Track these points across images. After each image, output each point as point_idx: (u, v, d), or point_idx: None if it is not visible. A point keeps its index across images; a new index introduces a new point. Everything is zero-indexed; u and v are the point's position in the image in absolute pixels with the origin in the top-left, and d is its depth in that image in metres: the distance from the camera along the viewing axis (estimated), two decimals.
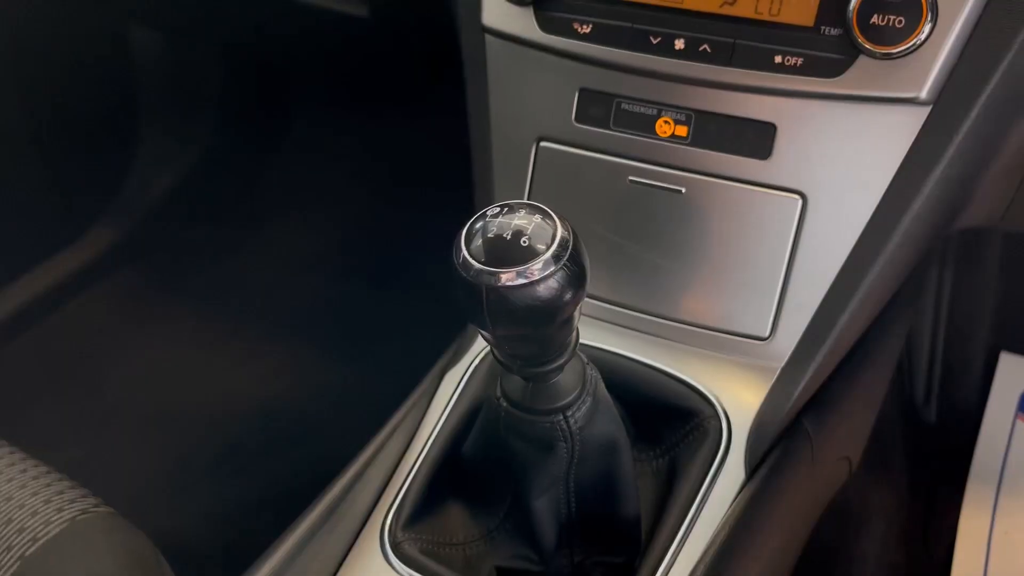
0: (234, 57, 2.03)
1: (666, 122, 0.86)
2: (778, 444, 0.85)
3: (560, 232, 0.60)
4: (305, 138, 2.17)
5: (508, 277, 0.59)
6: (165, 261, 2.00)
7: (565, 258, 0.60)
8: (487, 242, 0.60)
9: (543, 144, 0.93)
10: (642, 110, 0.87)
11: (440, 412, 0.88)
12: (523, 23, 0.89)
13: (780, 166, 0.83)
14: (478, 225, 0.62)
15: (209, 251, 2.03)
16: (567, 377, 0.69)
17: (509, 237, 0.60)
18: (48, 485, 0.78)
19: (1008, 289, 1.49)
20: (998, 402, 1.52)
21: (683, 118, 0.86)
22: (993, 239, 1.44)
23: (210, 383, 1.76)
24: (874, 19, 0.74)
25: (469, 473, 0.84)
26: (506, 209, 0.62)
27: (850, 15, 0.75)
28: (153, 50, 1.95)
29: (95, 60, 1.87)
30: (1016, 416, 1.51)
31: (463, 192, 1.03)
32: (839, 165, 0.81)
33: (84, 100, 1.87)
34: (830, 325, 0.85)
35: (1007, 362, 1.54)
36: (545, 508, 0.77)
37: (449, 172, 1.31)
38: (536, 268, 0.59)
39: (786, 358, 0.87)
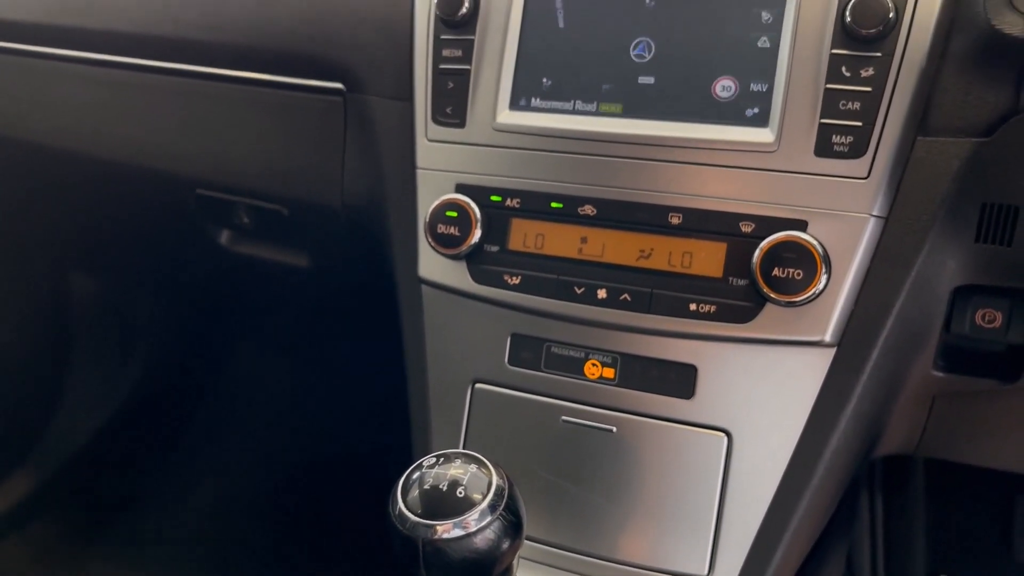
0: (169, 300, 2.06)
1: (594, 364, 0.91)
2: None
3: (496, 481, 0.62)
4: (236, 380, 2.16)
5: (445, 529, 0.59)
6: (81, 513, 1.90)
7: (501, 507, 0.61)
8: (423, 493, 0.61)
9: (478, 386, 0.96)
10: (571, 353, 0.92)
11: None
12: (457, 275, 0.95)
13: (704, 405, 0.87)
14: (414, 476, 0.63)
15: (128, 501, 1.94)
16: None
17: (445, 488, 0.61)
18: None
19: (937, 512, 1.52)
20: None
21: (609, 360, 0.90)
22: (916, 464, 1.49)
23: None
24: (775, 272, 0.81)
25: None
26: (442, 459, 0.64)
27: (754, 268, 0.82)
28: (87, 295, 1.96)
29: (25, 307, 1.88)
30: None
31: (399, 434, 1.03)
32: (759, 403, 0.85)
33: (9, 349, 1.85)
34: (767, 560, 0.86)
35: None
36: None
37: (385, 416, 1.32)
38: (473, 519, 0.60)
39: None
